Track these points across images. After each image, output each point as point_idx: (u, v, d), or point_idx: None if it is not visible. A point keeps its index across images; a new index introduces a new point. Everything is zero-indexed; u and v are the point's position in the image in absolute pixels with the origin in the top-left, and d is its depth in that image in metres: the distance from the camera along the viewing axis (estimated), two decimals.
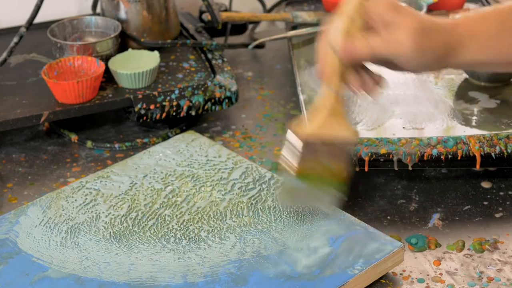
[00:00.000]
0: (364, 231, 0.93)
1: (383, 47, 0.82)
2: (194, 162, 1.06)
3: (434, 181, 1.09)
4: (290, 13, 1.37)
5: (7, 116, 1.12)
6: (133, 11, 1.26)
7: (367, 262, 0.89)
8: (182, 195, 1.00)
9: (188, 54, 1.28)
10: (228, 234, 0.93)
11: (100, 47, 1.21)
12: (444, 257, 0.96)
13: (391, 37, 0.81)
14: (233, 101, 1.21)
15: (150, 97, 1.16)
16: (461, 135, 1.04)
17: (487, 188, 1.07)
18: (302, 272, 0.87)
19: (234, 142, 1.19)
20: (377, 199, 1.06)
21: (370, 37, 0.82)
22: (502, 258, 0.95)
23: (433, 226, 1.01)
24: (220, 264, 0.89)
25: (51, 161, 1.16)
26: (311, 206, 0.91)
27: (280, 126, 1.22)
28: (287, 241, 0.92)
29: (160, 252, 0.91)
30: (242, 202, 0.98)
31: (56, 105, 1.15)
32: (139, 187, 1.02)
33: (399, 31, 0.81)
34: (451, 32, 0.83)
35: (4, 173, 1.13)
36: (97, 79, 1.15)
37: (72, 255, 0.91)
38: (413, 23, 0.81)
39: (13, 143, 1.20)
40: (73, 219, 0.97)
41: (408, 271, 0.94)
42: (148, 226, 0.95)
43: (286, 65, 1.39)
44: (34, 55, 1.27)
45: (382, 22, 0.82)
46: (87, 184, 1.03)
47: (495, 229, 1.00)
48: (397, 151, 1.03)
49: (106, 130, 1.22)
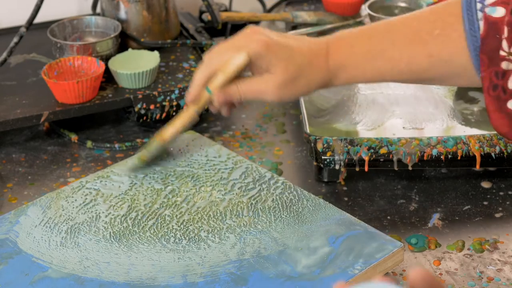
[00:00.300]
0: (364, 231, 0.93)
1: (250, 96, 0.93)
2: (194, 162, 1.06)
3: (434, 181, 1.09)
4: (290, 13, 1.37)
5: (7, 116, 1.12)
6: (133, 11, 1.26)
7: (367, 262, 0.89)
8: (182, 195, 1.00)
9: (188, 54, 1.28)
10: (228, 234, 0.93)
11: (100, 47, 1.21)
12: (444, 257, 0.96)
13: (258, 87, 0.92)
14: None
15: (150, 97, 1.16)
16: (461, 135, 1.04)
17: (487, 188, 1.07)
18: (302, 272, 0.87)
19: (234, 142, 1.19)
20: (377, 199, 1.06)
21: (240, 86, 0.93)
22: (502, 258, 0.95)
23: (433, 226, 1.01)
24: (220, 264, 0.89)
25: (51, 161, 1.16)
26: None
27: (280, 126, 1.22)
28: (287, 241, 0.92)
29: (160, 252, 0.91)
30: (242, 202, 0.98)
31: (56, 105, 1.15)
32: (139, 187, 1.02)
33: (266, 83, 0.91)
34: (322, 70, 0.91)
35: (4, 173, 1.13)
36: (97, 79, 1.15)
37: (72, 255, 0.91)
38: (279, 76, 0.90)
39: (13, 143, 1.20)
40: (73, 219, 0.97)
41: (408, 271, 0.94)
42: (148, 226, 0.95)
43: None
44: (34, 55, 1.27)
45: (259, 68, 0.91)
46: (87, 184, 1.02)
47: (495, 229, 1.00)
48: (397, 151, 1.03)
49: (106, 130, 1.22)
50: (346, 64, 0.90)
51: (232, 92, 0.93)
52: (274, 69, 0.90)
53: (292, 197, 0.98)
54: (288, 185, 1.01)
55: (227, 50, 0.92)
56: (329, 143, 1.04)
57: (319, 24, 1.35)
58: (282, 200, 0.98)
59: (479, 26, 0.82)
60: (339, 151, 1.04)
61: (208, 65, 0.94)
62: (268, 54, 0.90)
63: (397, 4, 1.37)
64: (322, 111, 1.12)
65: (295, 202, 0.98)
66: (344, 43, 0.91)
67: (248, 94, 0.93)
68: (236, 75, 0.93)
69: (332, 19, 1.36)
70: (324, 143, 1.04)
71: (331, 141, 1.05)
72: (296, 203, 0.97)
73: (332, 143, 1.05)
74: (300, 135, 1.19)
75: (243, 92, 0.93)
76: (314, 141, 1.05)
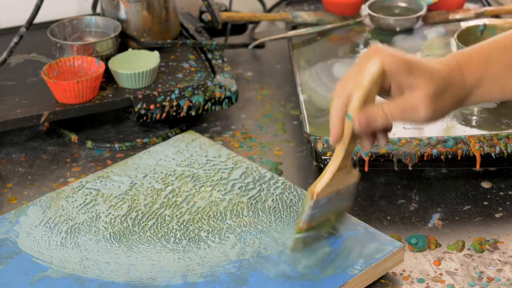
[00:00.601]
0: (364, 231, 0.93)
1: (399, 116, 0.83)
2: (194, 162, 1.06)
3: (434, 181, 1.09)
4: (290, 13, 1.37)
5: (7, 116, 1.12)
6: (133, 11, 1.26)
7: (367, 262, 0.89)
8: (182, 195, 1.00)
9: (188, 54, 1.28)
10: (228, 234, 0.93)
11: (100, 47, 1.21)
12: (444, 257, 0.96)
13: (406, 104, 0.82)
14: (233, 101, 1.21)
15: (150, 97, 1.16)
16: (461, 135, 1.04)
17: (487, 188, 1.07)
18: (302, 272, 0.87)
19: (234, 142, 1.19)
20: (377, 199, 1.06)
21: (385, 106, 0.82)
22: (502, 258, 0.95)
23: (433, 226, 1.01)
24: (220, 264, 0.89)
25: (51, 161, 1.16)
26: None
27: (280, 126, 1.22)
28: (287, 241, 0.92)
29: (160, 252, 0.91)
30: (242, 202, 0.98)
31: (56, 105, 1.15)
32: (139, 187, 1.02)
33: (414, 98, 0.82)
34: (460, 86, 0.84)
35: (4, 173, 1.13)
36: (97, 79, 1.15)
37: (72, 255, 0.91)
38: (428, 89, 0.82)
39: (13, 143, 1.20)
40: (73, 219, 0.97)
41: (408, 271, 0.94)
42: (148, 226, 0.95)
43: (286, 65, 1.39)
44: (34, 55, 1.27)
45: (397, 87, 0.83)
46: (87, 184, 1.03)
47: (495, 229, 1.00)
48: (397, 151, 1.03)
49: (106, 130, 1.22)
50: (484, 78, 0.84)
51: (374, 114, 0.82)
52: (420, 82, 0.81)
53: (292, 197, 0.98)
54: (288, 185, 1.01)
55: (357, 72, 0.83)
56: (329, 143, 1.04)
57: (319, 24, 1.35)
58: (282, 200, 0.98)
59: None
60: None
61: (340, 93, 0.83)
62: (404, 66, 0.81)
63: (397, 4, 1.37)
64: (322, 111, 1.12)
65: (295, 202, 0.98)
66: (477, 58, 0.85)
67: (396, 114, 0.82)
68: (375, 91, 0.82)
69: (332, 19, 1.36)
70: (324, 143, 1.04)
71: None
72: (296, 203, 0.97)
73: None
74: (300, 135, 1.19)
75: (390, 112, 0.82)
76: (314, 141, 1.05)
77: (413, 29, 1.32)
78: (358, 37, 1.32)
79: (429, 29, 1.32)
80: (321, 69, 1.22)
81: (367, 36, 1.32)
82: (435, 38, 1.29)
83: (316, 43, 1.31)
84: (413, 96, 0.82)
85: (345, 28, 1.34)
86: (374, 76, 0.81)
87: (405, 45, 1.28)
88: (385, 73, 0.81)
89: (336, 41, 1.32)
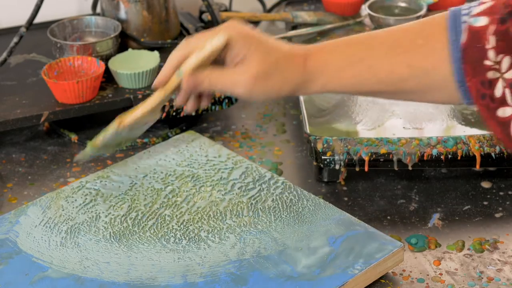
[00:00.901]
0: (364, 231, 0.93)
1: (220, 87, 0.89)
2: (194, 162, 1.06)
3: (434, 181, 1.09)
4: (290, 13, 1.37)
5: (7, 116, 1.12)
6: (133, 11, 1.26)
7: (367, 262, 0.89)
8: (182, 195, 1.00)
9: None
10: (228, 234, 0.93)
11: (100, 47, 1.21)
12: (444, 257, 0.96)
13: (229, 78, 0.87)
14: (233, 101, 1.21)
15: None
16: (461, 135, 1.04)
17: (487, 188, 1.07)
18: (302, 272, 0.87)
19: (234, 142, 1.19)
20: (377, 199, 1.06)
21: (213, 75, 0.88)
22: (502, 258, 0.95)
23: (433, 226, 1.01)
24: (220, 264, 0.89)
25: (51, 161, 1.16)
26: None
27: (280, 126, 1.22)
28: (287, 241, 0.92)
29: (160, 252, 0.91)
30: (242, 202, 0.98)
31: (56, 105, 1.15)
32: (139, 187, 1.02)
33: (238, 74, 0.87)
34: (297, 71, 0.87)
35: (4, 173, 1.13)
36: (97, 79, 1.15)
37: (72, 255, 0.91)
38: (254, 67, 0.86)
39: (13, 143, 1.20)
40: (73, 219, 0.97)
41: (408, 271, 0.94)
42: (148, 226, 0.95)
43: None
44: (34, 55, 1.27)
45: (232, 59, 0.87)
46: (87, 184, 1.03)
47: (495, 229, 1.00)
48: (397, 151, 1.03)
49: None
50: (324, 68, 0.87)
51: (202, 79, 0.88)
52: (250, 60, 0.86)
53: (292, 197, 0.98)
54: (288, 185, 1.01)
55: (203, 36, 0.88)
56: (329, 143, 1.04)
57: (319, 24, 1.35)
58: (282, 200, 0.98)
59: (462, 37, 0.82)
60: (339, 151, 1.04)
61: (183, 47, 0.89)
62: (246, 43, 0.86)
63: (397, 4, 1.37)
64: (322, 111, 1.12)
65: (295, 202, 0.98)
66: (324, 49, 0.89)
67: (218, 84, 0.88)
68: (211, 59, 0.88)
69: (332, 19, 1.36)
70: (324, 143, 1.04)
71: (331, 141, 1.05)
72: (296, 203, 0.98)
73: (332, 143, 1.05)
74: (300, 135, 1.19)
75: (213, 81, 0.88)
76: (314, 141, 1.05)
77: None
78: None
79: None
80: None
81: None
82: None
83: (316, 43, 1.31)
84: (239, 72, 0.87)
85: (345, 28, 1.34)
86: (215, 47, 0.86)
87: None
88: (228, 46, 0.86)
89: None
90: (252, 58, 0.86)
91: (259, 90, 0.87)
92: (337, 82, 0.88)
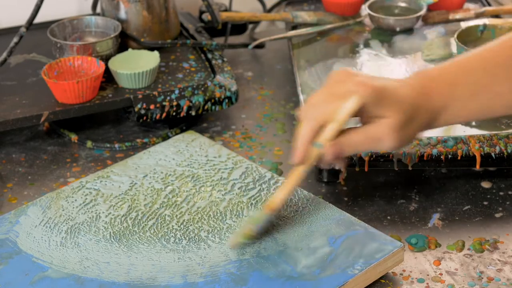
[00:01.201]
0: (364, 231, 0.93)
1: (365, 147, 0.86)
2: (194, 162, 1.06)
3: (434, 181, 1.09)
4: (290, 13, 1.37)
5: (7, 116, 1.12)
6: (133, 11, 1.26)
7: (367, 262, 0.89)
8: (182, 195, 1.00)
9: (188, 54, 1.28)
10: (228, 234, 0.93)
11: (100, 47, 1.21)
12: (444, 257, 0.96)
13: (372, 135, 0.84)
14: (233, 101, 1.21)
15: (150, 97, 1.16)
16: (461, 135, 1.04)
17: (487, 188, 1.07)
18: (302, 272, 0.87)
19: (234, 142, 1.19)
20: (377, 199, 1.06)
21: (353, 135, 0.85)
22: (502, 258, 0.95)
23: (433, 226, 1.01)
24: (220, 264, 0.89)
25: (51, 161, 1.16)
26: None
27: (280, 126, 1.22)
28: (287, 241, 0.92)
29: (160, 252, 0.91)
30: (242, 202, 0.98)
31: (56, 105, 1.15)
32: (139, 187, 1.02)
33: (380, 129, 0.84)
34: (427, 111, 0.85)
35: (4, 173, 1.13)
36: (97, 79, 1.15)
37: (72, 255, 0.91)
38: (395, 120, 0.83)
39: (13, 143, 1.20)
40: (73, 219, 0.97)
41: (408, 271, 0.94)
42: (148, 226, 0.95)
43: (286, 65, 1.39)
44: (34, 55, 1.27)
45: (366, 116, 0.85)
46: (87, 184, 1.03)
47: (495, 229, 1.00)
48: (397, 151, 1.03)
49: (106, 130, 1.22)
50: (449, 104, 0.85)
51: (345, 143, 0.85)
52: (388, 113, 0.83)
53: (292, 197, 0.98)
54: None
55: (330, 99, 0.85)
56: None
57: (319, 24, 1.35)
58: None
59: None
60: None
61: (312, 119, 0.85)
62: (378, 100, 0.83)
63: (397, 4, 1.37)
64: None
65: (295, 202, 0.98)
66: (442, 81, 0.86)
67: (363, 144, 0.85)
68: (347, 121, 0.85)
69: (332, 19, 1.36)
70: None
71: None
72: (296, 203, 0.98)
73: None
74: None
75: (356, 144, 0.85)
76: None
77: (413, 29, 1.32)
78: (358, 37, 1.32)
79: (429, 29, 1.32)
80: (321, 69, 1.22)
81: (367, 36, 1.32)
82: (435, 38, 1.29)
83: (316, 43, 1.31)
84: (379, 127, 0.84)
85: (345, 28, 1.34)
86: (351, 112, 0.83)
87: (405, 45, 1.28)
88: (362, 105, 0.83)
89: (336, 41, 1.32)
90: (390, 110, 0.83)
91: (405, 138, 0.85)
92: (465, 115, 0.87)
